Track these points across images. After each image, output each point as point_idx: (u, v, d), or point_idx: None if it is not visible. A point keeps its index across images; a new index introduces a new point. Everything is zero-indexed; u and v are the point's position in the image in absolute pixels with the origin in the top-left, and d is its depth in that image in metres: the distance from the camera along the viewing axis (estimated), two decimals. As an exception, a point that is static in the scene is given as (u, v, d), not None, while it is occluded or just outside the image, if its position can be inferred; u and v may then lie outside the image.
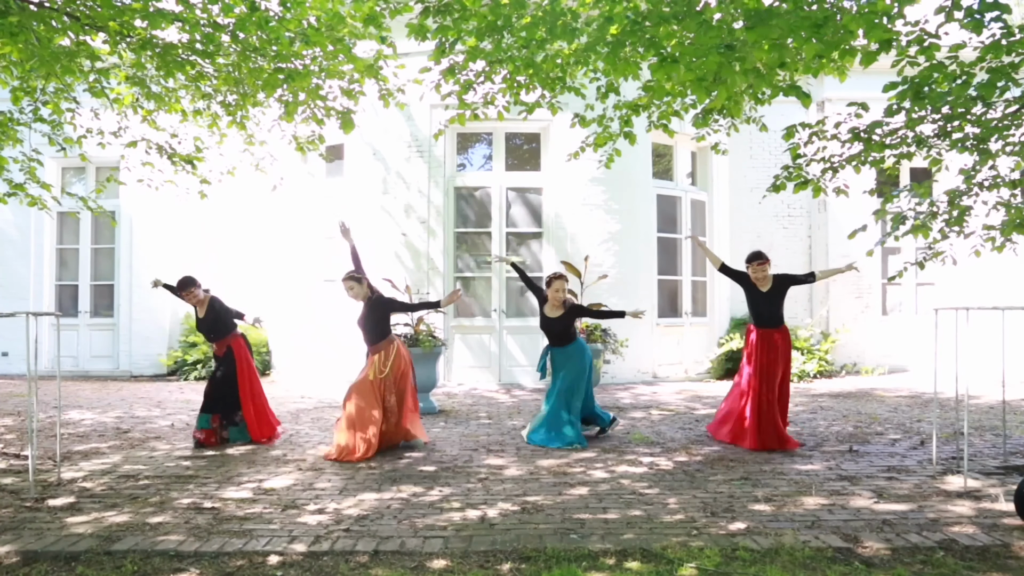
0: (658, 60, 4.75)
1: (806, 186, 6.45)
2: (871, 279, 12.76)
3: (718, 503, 4.66)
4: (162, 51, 6.27)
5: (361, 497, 4.86)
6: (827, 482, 5.17)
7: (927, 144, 5.86)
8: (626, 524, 4.24)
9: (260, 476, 5.46)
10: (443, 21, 5.75)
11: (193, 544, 3.92)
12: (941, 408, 8.26)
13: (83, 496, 4.92)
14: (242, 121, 8.04)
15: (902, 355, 12.60)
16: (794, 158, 6.43)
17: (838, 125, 6.28)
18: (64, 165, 12.85)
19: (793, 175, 6.46)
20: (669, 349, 11.77)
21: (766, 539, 3.95)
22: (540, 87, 6.71)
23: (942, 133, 5.67)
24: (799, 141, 6.30)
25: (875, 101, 6.09)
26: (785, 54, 4.64)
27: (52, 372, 12.06)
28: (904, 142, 5.84)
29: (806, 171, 6.47)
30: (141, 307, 12.54)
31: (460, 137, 11.39)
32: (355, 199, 11.23)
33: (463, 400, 9.48)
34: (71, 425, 7.78)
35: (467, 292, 11.26)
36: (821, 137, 6.34)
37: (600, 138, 7.40)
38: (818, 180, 6.45)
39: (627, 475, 5.44)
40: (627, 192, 11.10)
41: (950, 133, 5.64)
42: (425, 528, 4.19)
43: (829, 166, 6.41)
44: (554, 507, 4.60)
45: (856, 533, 4.05)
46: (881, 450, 6.26)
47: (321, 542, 3.95)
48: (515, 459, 5.98)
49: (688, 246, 11.97)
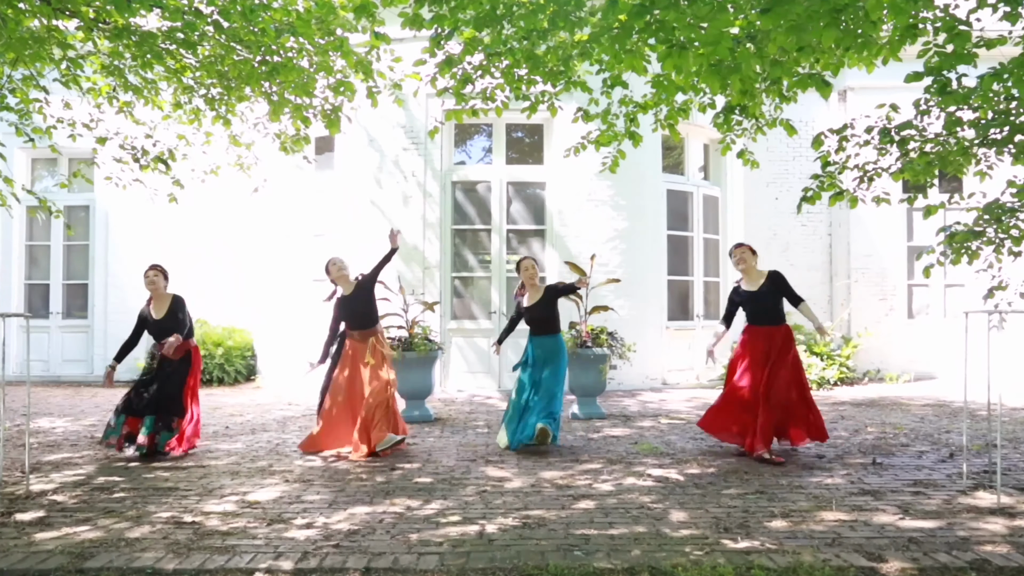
0: (666, 48, 4.75)
1: (841, 197, 6.37)
2: (896, 280, 12.77)
3: (731, 518, 4.67)
4: (140, 40, 6.28)
5: (352, 510, 4.87)
6: (848, 497, 5.18)
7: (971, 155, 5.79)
8: (633, 540, 4.24)
9: (244, 488, 5.46)
10: (439, 10, 5.75)
11: (172, 561, 3.92)
12: (972, 418, 8.26)
13: (53, 510, 4.93)
14: (227, 116, 8.05)
15: (929, 361, 12.60)
16: (824, 166, 6.39)
17: (870, 130, 6.23)
18: (34, 156, 12.86)
19: (825, 184, 6.41)
20: (679, 354, 11.77)
21: (783, 557, 3.95)
22: (542, 81, 6.70)
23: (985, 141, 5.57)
24: (829, 149, 6.27)
25: (901, 91, 6.08)
26: (803, 39, 4.63)
27: (21, 377, 12.05)
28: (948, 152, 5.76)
29: (839, 180, 6.41)
30: (117, 308, 12.54)
31: (458, 129, 11.40)
32: (347, 194, 11.24)
33: (461, 407, 9.49)
34: (41, 434, 7.79)
35: (466, 292, 11.27)
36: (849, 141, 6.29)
37: (604, 137, 7.38)
38: (853, 190, 6.41)
39: (634, 488, 5.44)
40: (635, 187, 11.11)
41: (1000, 142, 5.55)
42: (420, 544, 4.20)
43: (864, 174, 6.36)
44: (557, 522, 4.60)
45: (880, 551, 4.05)
46: (907, 463, 6.26)
47: (309, 559, 3.95)
48: (516, 470, 5.99)
49: (701, 244, 11.98)
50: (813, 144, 6.19)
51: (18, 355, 12.59)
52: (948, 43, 4.85)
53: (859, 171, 6.42)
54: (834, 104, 12.79)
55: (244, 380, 12.30)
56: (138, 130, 9.16)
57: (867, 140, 6.21)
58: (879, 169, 6.28)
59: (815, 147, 6.17)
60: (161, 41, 6.39)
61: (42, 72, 7.60)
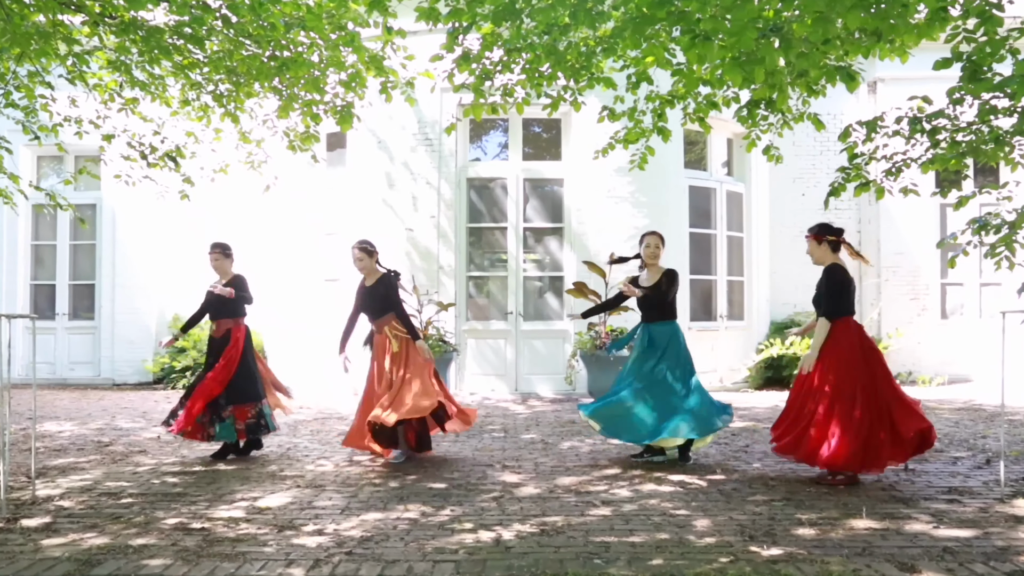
0: (689, 39, 4.72)
1: (868, 188, 6.35)
2: (929, 278, 12.65)
3: (757, 526, 4.63)
4: (147, 35, 6.33)
5: (365, 517, 4.87)
6: (879, 504, 5.13)
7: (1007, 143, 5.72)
8: (655, 548, 4.22)
9: (254, 493, 5.49)
10: (456, 4, 5.73)
11: (181, 568, 3.94)
12: (1010, 423, 8.17)
13: (60, 516, 4.96)
14: (235, 113, 8.10)
15: (964, 363, 12.47)
16: (851, 158, 6.35)
17: (899, 120, 6.19)
18: (40, 154, 12.98)
19: (852, 176, 6.37)
20: (702, 355, 11.65)
21: (811, 567, 3.92)
22: (563, 77, 6.67)
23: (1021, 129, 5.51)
24: (856, 140, 6.22)
25: (933, 81, 6.03)
26: (830, 30, 4.58)
27: (27, 380, 12.17)
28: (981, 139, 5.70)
29: (866, 171, 6.38)
30: (125, 308, 12.64)
31: (473, 124, 11.40)
32: (359, 191, 11.28)
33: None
34: (47, 438, 7.86)
35: (481, 293, 11.27)
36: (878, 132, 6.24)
37: (631, 134, 7.36)
38: (880, 181, 6.37)
39: (655, 494, 5.41)
40: (656, 183, 11.06)
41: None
42: (435, 551, 4.20)
43: (892, 166, 6.32)
44: (575, 529, 4.59)
45: (913, 561, 4.00)
46: (941, 469, 6.20)
47: (321, 566, 3.96)
48: (532, 476, 5.98)
49: (724, 242, 11.91)
50: (840, 137, 6.15)
51: (24, 357, 12.72)
52: (979, 28, 4.79)
53: (887, 161, 6.38)
54: (863, 96, 12.68)
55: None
56: (146, 127, 9.22)
57: (896, 131, 6.17)
58: (908, 160, 6.23)
59: (842, 139, 6.12)
60: (168, 36, 6.43)
61: (48, 68, 7.68)
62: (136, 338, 12.71)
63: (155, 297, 12.73)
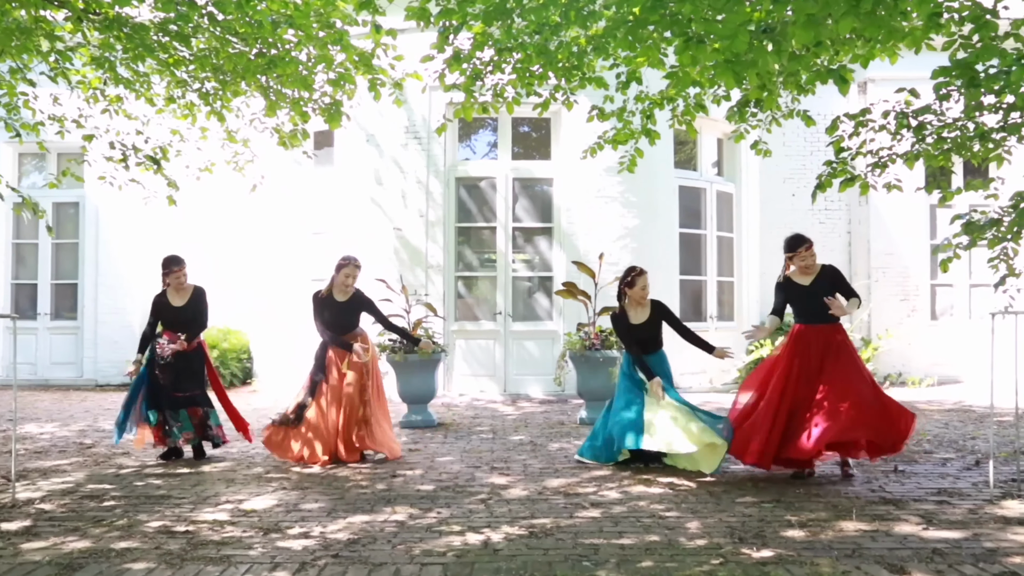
0: (682, 41, 4.73)
1: (853, 183, 6.40)
2: (918, 280, 12.73)
3: (746, 528, 4.65)
4: (131, 32, 6.29)
5: (351, 519, 4.87)
6: (869, 506, 5.16)
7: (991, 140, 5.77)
8: (644, 550, 4.23)
9: (239, 496, 5.47)
10: (447, 4, 5.73)
11: (164, 572, 3.93)
12: (999, 424, 8.22)
13: (41, 519, 4.94)
14: (221, 111, 8.06)
15: (954, 364, 12.54)
16: (837, 152, 6.39)
17: (887, 115, 6.23)
18: (22, 151, 12.88)
19: (838, 171, 6.41)
20: (692, 356, 11.61)
21: (800, 568, 3.94)
22: (555, 76, 6.69)
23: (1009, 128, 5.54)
24: (843, 134, 6.26)
25: (923, 83, 6.05)
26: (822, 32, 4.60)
27: (7, 381, 12.07)
28: (966, 137, 5.76)
29: (852, 166, 6.42)
30: (108, 308, 12.57)
31: (462, 123, 11.38)
32: (346, 190, 11.26)
33: (464, 412, 9.49)
34: (28, 440, 7.81)
35: (470, 293, 11.27)
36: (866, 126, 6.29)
37: (620, 135, 7.37)
38: (865, 176, 6.41)
39: (644, 496, 5.43)
40: (646, 183, 11.07)
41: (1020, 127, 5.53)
42: (422, 554, 4.19)
43: (877, 160, 6.36)
44: (564, 531, 4.60)
45: (903, 563, 4.03)
46: (930, 470, 6.24)
47: (307, 569, 3.95)
48: (521, 477, 5.98)
49: (714, 243, 11.95)
50: (828, 130, 6.19)
51: (4, 358, 12.64)
52: (974, 33, 4.82)
53: (872, 156, 6.41)
54: (854, 96, 12.73)
55: (240, 383, 12.33)
56: (129, 126, 9.16)
57: (883, 125, 6.21)
58: (893, 155, 6.27)
59: (829, 132, 6.16)
60: (153, 33, 6.40)
61: (29, 65, 7.62)
62: (119, 338, 12.61)
63: (139, 297, 12.62)
